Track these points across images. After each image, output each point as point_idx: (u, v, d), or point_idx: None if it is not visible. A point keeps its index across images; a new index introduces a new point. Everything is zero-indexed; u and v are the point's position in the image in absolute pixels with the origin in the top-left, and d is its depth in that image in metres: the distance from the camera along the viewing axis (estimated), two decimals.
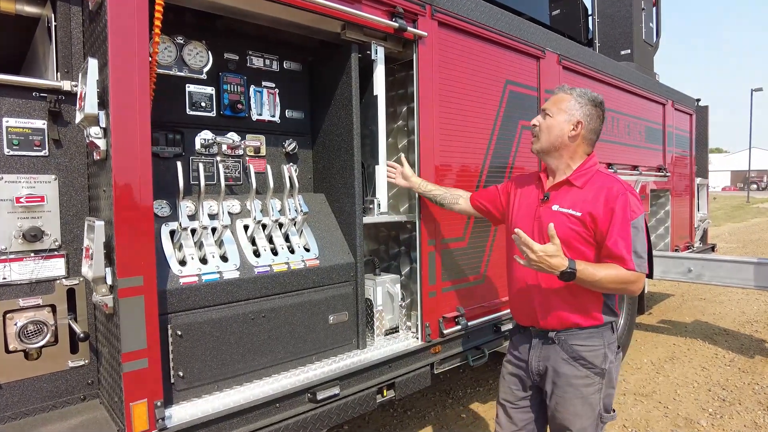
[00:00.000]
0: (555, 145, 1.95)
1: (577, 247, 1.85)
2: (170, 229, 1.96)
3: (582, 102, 1.94)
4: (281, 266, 2.11)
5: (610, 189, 1.84)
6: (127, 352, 1.63)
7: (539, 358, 1.97)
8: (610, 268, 1.78)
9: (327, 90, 2.50)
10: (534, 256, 1.73)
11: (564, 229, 1.84)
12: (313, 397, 2.06)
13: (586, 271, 1.74)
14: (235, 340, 1.97)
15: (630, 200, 1.81)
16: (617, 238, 1.78)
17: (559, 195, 1.94)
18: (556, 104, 1.97)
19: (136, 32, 1.62)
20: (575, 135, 1.93)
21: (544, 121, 1.98)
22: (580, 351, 1.89)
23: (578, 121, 1.93)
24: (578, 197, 1.88)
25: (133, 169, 1.64)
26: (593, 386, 1.88)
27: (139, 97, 1.64)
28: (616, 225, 1.78)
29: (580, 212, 1.85)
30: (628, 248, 1.77)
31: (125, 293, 1.63)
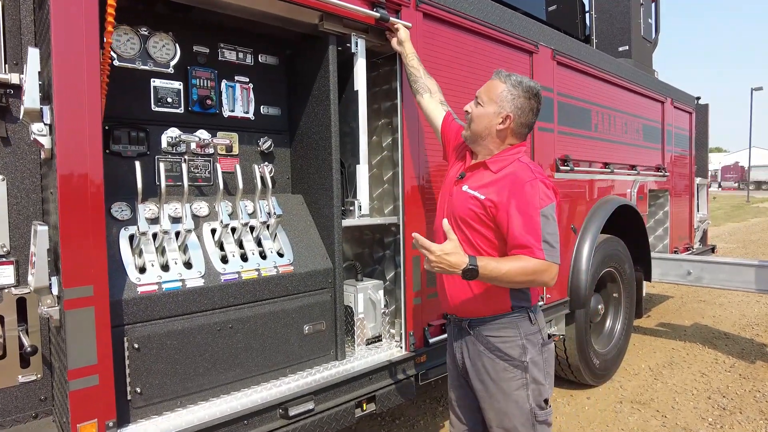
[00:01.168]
0: (482, 136, 1.87)
1: (476, 228, 1.79)
2: (130, 234, 1.82)
3: (515, 93, 1.81)
4: (251, 273, 1.98)
5: (518, 175, 1.75)
6: (74, 369, 1.49)
7: (461, 350, 1.90)
8: (517, 260, 1.67)
9: (305, 85, 2.36)
10: (433, 257, 1.64)
11: (466, 209, 1.80)
12: (284, 413, 1.93)
13: (489, 266, 1.64)
14: (199, 352, 1.84)
15: (539, 187, 1.71)
16: (523, 226, 1.68)
17: (473, 176, 1.87)
18: (488, 92, 1.85)
19: (83, 19, 1.48)
20: (503, 129, 1.83)
21: (475, 108, 1.88)
22: (494, 342, 1.79)
23: (507, 115, 1.81)
24: (489, 181, 1.80)
25: (81, 169, 1.50)
26: (515, 381, 1.77)
27: (88, 91, 1.50)
28: (522, 212, 1.68)
29: (483, 196, 1.77)
30: (536, 236, 1.66)
31: (72, 304, 1.49)
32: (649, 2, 5.51)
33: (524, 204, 1.69)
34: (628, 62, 4.94)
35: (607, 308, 4.31)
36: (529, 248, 1.66)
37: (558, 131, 3.50)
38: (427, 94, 2.30)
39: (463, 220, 1.81)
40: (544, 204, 1.70)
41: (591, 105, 3.91)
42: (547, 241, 1.67)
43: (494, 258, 1.71)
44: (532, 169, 1.78)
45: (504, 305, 1.80)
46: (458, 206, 1.84)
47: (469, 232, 1.80)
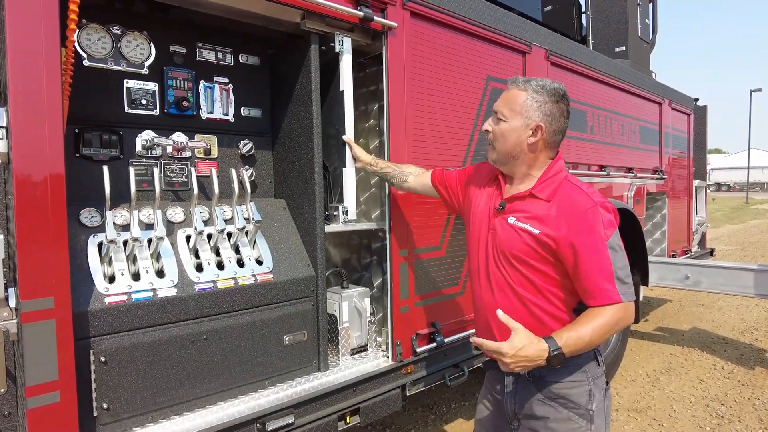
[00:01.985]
0: (512, 155, 1.65)
1: (533, 265, 1.58)
2: (99, 241, 1.74)
3: (540, 99, 1.61)
4: (227, 282, 1.90)
5: (576, 203, 1.54)
6: (32, 386, 1.41)
7: (514, 399, 1.66)
8: (595, 317, 1.47)
9: (287, 86, 2.28)
10: (507, 359, 1.43)
11: (520, 245, 1.59)
12: (262, 428, 1.84)
13: (570, 340, 1.44)
14: (171, 365, 1.75)
15: (600, 215, 1.51)
16: (593, 266, 1.48)
17: (517, 206, 1.65)
18: (508, 104, 1.64)
19: (42, 17, 1.40)
20: (535, 141, 1.61)
21: (497, 126, 1.67)
22: (558, 388, 1.57)
23: (537, 125, 1.60)
24: (539, 211, 1.59)
25: (40, 174, 1.42)
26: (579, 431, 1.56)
27: (47, 92, 1.42)
28: (588, 249, 1.48)
29: (538, 230, 1.56)
30: (609, 277, 1.47)
31: (30, 317, 1.41)
32: (646, 3, 5.44)
33: (589, 238, 1.49)
34: (625, 63, 4.88)
35: None
36: (603, 294, 1.47)
37: None
38: (411, 177, 2.18)
39: (516, 257, 1.59)
40: (609, 234, 1.50)
41: (586, 106, 3.83)
42: (620, 278, 1.48)
43: (571, 327, 1.49)
44: (586, 191, 1.58)
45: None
46: (507, 242, 1.62)
47: (526, 270, 1.59)
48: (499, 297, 1.64)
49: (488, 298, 1.68)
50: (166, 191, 2.04)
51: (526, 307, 1.59)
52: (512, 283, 1.61)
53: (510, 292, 1.62)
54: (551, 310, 1.59)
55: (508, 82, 1.70)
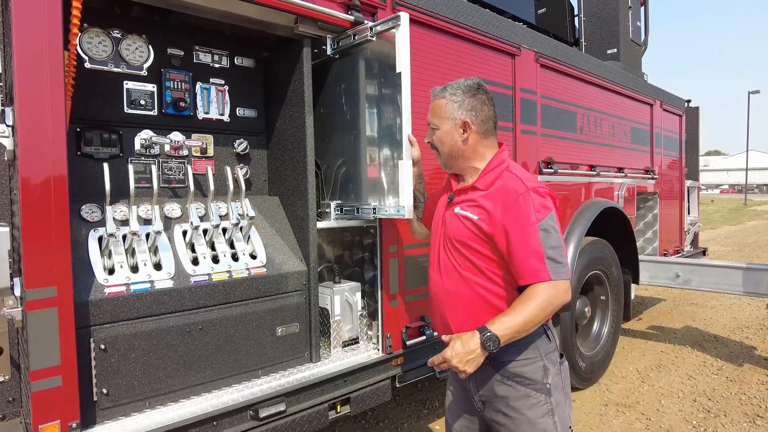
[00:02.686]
0: (453, 155, 1.78)
1: (475, 248, 1.68)
2: (99, 235, 1.83)
3: (458, 99, 1.74)
4: (222, 275, 1.98)
5: (509, 189, 1.63)
6: (36, 370, 1.49)
7: (476, 383, 1.73)
8: (525, 300, 1.54)
9: (281, 87, 2.37)
10: (455, 362, 1.51)
11: (463, 230, 1.71)
12: (255, 415, 1.93)
13: (504, 325, 1.51)
14: (168, 354, 1.84)
15: (532, 199, 1.58)
16: (523, 248, 1.55)
17: (463, 198, 1.77)
18: (435, 114, 1.79)
19: (46, 22, 1.49)
20: (467, 136, 1.74)
21: (434, 135, 1.81)
22: (512, 368, 1.64)
23: (463, 121, 1.73)
24: (479, 199, 1.70)
25: (43, 171, 1.50)
26: (539, 407, 1.63)
27: (50, 93, 1.51)
28: (518, 232, 1.56)
29: (476, 216, 1.68)
30: (539, 257, 1.54)
31: (34, 305, 1.49)
32: (638, 6, 5.53)
33: (519, 221, 1.57)
34: (616, 65, 4.96)
35: (594, 311, 4.30)
36: (535, 273, 1.54)
37: (541, 134, 3.51)
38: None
39: (461, 243, 1.71)
40: (541, 217, 1.57)
41: (576, 107, 3.92)
42: (551, 257, 1.54)
43: (503, 313, 1.56)
44: (522, 177, 1.66)
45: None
46: (453, 229, 1.74)
47: (469, 254, 1.69)
48: (447, 281, 1.75)
49: (438, 282, 1.80)
50: (163, 188, 2.12)
51: (471, 288, 1.69)
52: (458, 266, 1.72)
53: (456, 275, 1.72)
54: (495, 289, 1.67)
55: (431, 95, 1.84)
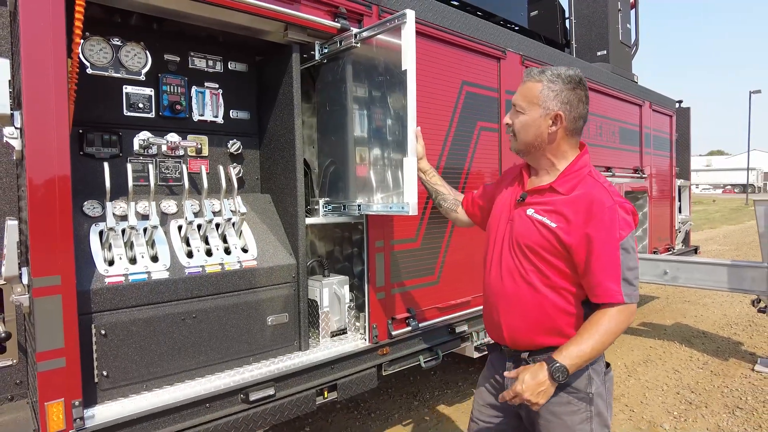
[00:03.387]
0: (533, 145, 1.68)
1: (546, 258, 1.60)
2: (100, 229, 1.96)
3: (556, 88, 1.62)
4: (214, 267, 2.11)
5: (595, 201, 1.53)
6: (42, 352, 1.63)
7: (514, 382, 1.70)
8: (594, 326, 1.50)
9: (271, 90, 2.50)
10: (526, 395, 1.50)
11: (535, 236, 1.61)
12: (245, 398, 2.06)
13: (573, 353, 1.49)
14: (164, 340, 1.97)
15: (618, 216, 1.51)
16: (601, 265, 1.50)
17: (537, 198, 1.68)
18: (526, 97, 1.66)
19: (51, 32, 1.62)
20: (556, 130, 1.63)
21: (516, 118, 1.69)
22: None
23: (556, 114, 1.62)
24: (558, 205, 1.60)
25: (48, 170, 1.64)
26: (579, 414, 1.59)
27: (55, 98, 1.64)
28: (600, 248, 1.50)
29: (555, 224, 1.58)
30: (616, 277, 1.48)
31: (40, 292, 1.62)
32: (628, 9, 5.65)
33: (603, 237, 1.49)
34: (605, 67, 5.07)
35: None
36: (608, 292, 1.49)
37: None
38: (461, 208, 2.17)
39: (530, 249, 1.62)
40: (624, 235, 1.50)
41: None
42: (627, 279, 1.49)
43: (571, 342, 1.52)
44: (608, 189, 1.58)
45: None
46: (524, 233, 1.64)
47: (538, 262, 1.61)
48: (508, 284, 1.68)
49: (497, 284, 1.72)
50: (160, 186, 2.26)
51: (534, 297, 1.62)
52: (524, 272, 1.63)
53: (521, 280, 1.64)
54: (558, 302, 1.61)
55: (524, 75, 1.71)
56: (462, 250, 3.12)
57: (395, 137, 2.22)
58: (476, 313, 3.17)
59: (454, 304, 3.06)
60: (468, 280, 3.14)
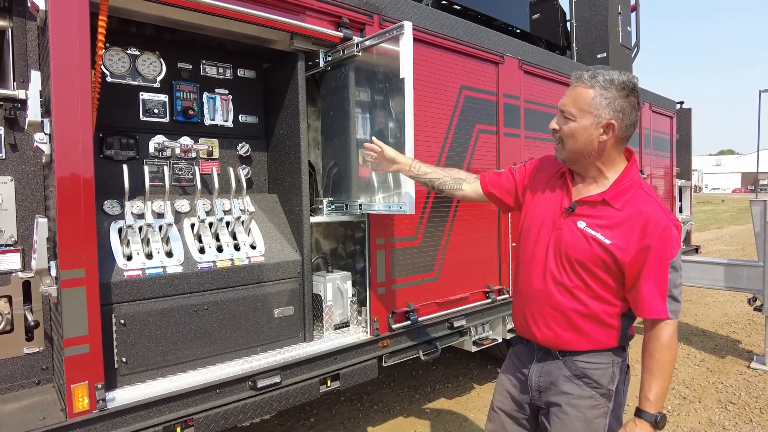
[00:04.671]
0: (584, 154, 1.62)
1: (595, 272, 1.60)
2: (119, 227, 2.12)
3: (609, 96, 1.54)
4: (225, 262, 2.26)
5: (651, 219, 1.53)
6: (68, 338, 1.78)
7: (540, 373, 1.74)
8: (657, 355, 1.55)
9: (278, 96, 2.65)
10: None
11: (587, 251, 1.60)
12: (253, 385, 2.20)
13: (657, 393, 1.56)
14: (178, 330, 2.12)
15: (672, 235, 1.53)
16: (652, 283, 1.52)
17: (588, 210, 1.63)
18: (576, 103, 1.58)
19: (77, 46, 1.77)
20: (606, 140, 1.58)
21: (565, 125, 1.62)
22: (584, 369, 1.64)
23: (608, 122, 1.55)
24: (612, 219, 1.58)
25: (75, 172, 1.79)
26: (598, 408, 1.64)
27: (81, 106, 1.79)
28: (652, 266, 1.52)
29: (609, 240, 1.56)
30: (662, 294, 1.52)
31: (67, 284, 1.78)
32: (628, 12, 5.73)
33: (656, 256, 1.51)
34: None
35: None
36: (653, 308, 1.53)
37: (525, 136, 3.74)
38: (465, 183, 2.09)
39: (580, 263, 1.60)
40: (674, 254, 1.52)
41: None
42: (673, 295, 1.53)
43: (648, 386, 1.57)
44: (662, 206, 1.57)
45: (610, 343, 1.64)
46: (574, 246, 1.62)
47: (586, 275, 1.61)
48: (551, 291, 1.67)
49: (538, 289, 1.71)
50: (174, 186, 2.41)
51: (576, 309, 1.64)
52: (569, 284, 1.63)
53: (564, 291, 1.65)
54: (601, 315, 1.62)
55: (573, 79, 1.63)
56: (461, 248, 3.24)
57: (395, 140, 2.35)
58: (474, 308, 3.30)
59: (452, 299, 3.19)
60: (466, 277, 3.27)
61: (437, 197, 3.05)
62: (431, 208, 3.04)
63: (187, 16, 2.13)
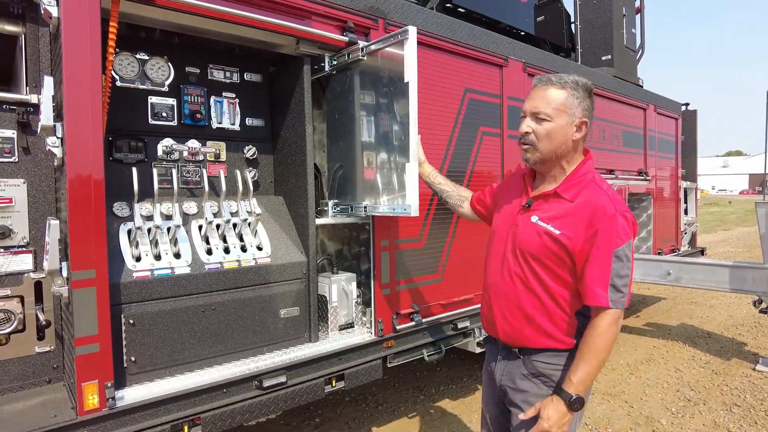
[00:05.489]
0: (557, 153, 1.67)
1: (548, 265, 1.64)
2: (128, 229, 2.15)
3: (579, 96, 1.64)
4: (232, 263, 2.29)
5: (598, 208, 1.57)
6: (79, 337, 1.82)
7: (503, 372, 1.80)
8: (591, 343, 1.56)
9: (284, 99, 2.68)
10: (554, 429, 1.57)
11: (538, 244, 1.65)
12: (259, 385, 2.23)
13: (580, 377, 1.56)
14: (185, 330, 2.16)
15: (618, 223, 1.55)
16: (594, 270, 1.56)
17: (542, 204, 1.70)
18: (550, 104, 1.64)
19: (89, 53, 1.81)
20: (579, 137, 1.66)
21: (539, 126, 1.65)
22: (541, 368, 1.68)
23: (582, 121, 1.65)
24: (562, 211, 1.64)
25: (86, 174, 1.83)
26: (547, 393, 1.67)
27: (92, 111, 1.83)
28: (596, 253, 1.55)
29: (559, 231, 1.61)
30: (604, 281, 1.54)
31: (78, 284, 1.82)
32: (633, 14, 5.73)
33: (600, 244, 1.55)
34: (609, 71, 5.18)
35: None
36: (594, 294, 1.55)
37: None
38: (466, 203, 2.23)
39: (533, 256, 1.65)
40: (620, 243, 1.54)
41: None
42: (615, 285, 1.54)
43: (574, 368, 1.58)
44: (611, 197, 1.61)
45: (567, 343, 1.66)
46: (527, 240, 1.67)
47: (540, 269, 1.65)
48: (509, 286, 1.73)
49: (498, 284, 1.77)
50: (182, 188, 2.45)
51: (532, 303, 1.67)
52: (524, 278, 1.68)
53: (521, 285, 1.69)
54: (556, 310, 1.65)
55: (540, 82, 1.69)
56: (464, 250, 3.26)
57: (399, 143, 2.38)
58: (478, 310, 3.30)
59: (456, 301, 3.21)
60: (470, 279, 3.29)
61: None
62: (435, 210, 3.07)
63: (195, 21, 2.16)
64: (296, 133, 2.59)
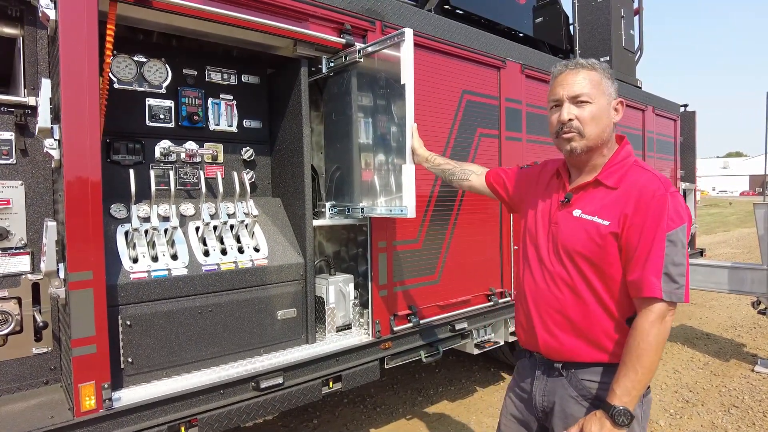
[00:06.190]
0: (603, 138, 1.51)
1: (596, 263, 1.47)
2: (125, 230, 2.16)
3: (609, 77, 1.55)
4: (229, 265, 2.30)
5: (645, 190, 1.42)
6: (76, 339, 1.82)
7: (544, 392, 1.60)
8: (630, 341, 1.39)
9: (282, 101, 2.69)
10: None
11: (584, 240, 1.48)
12: (256, 386, 2.24)
13: (624, 386, 1.37)
14: (182, 331, 2.16)
15: (669, 204, 1.39)
16: (645, 256, 1.38)
17: (583, 196, 1.55)
18: (589, 85, 1.51)
19: (86, 55, 1.82)
20: (616, 121, 1.55)
21: (582, 110, 1.50)
22: (592, 389, 1.49)
23: (619, 101, 1.56)
24: (608, 200, 1.48)
25: (83, 176, 1.83)
26: None
27: (89, 113, 1.84)
28: (646, 239, 1.38)
29: (607, 221, 1.45)
30: (657, 269, 1.36)
31: (75, 286, 1.82)
32: (631, 15, 5.74)
33: (648, 226, 1.39)
34: None
35: None
36: (647, 285, 1.37)
37: (526, 140, 3.77)
38: (473, 175, 2.11)
39: (579, 254, 1.49)
40: (672, 226, 1.37)
41: None
42: (669, 273, 1.35)
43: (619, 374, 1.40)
44: (659, 176, 1.45)
45: (619, 355, 1.44)
46: (572, 237, 1.51)
47: (588, 270, 1.49)
48: (552, 291, 1.57)
49: (538, 290, 1.62)
50: (179, 190, 2.46)
51: (579, 308, 1.52)
52: (569, 280, 1.53)
53: (566, 289, 1.54)
54: (605, 316, 1.49)
55: (565, 68, 1.57)
56: (462, 251, 3.27)
57: (396, 144, 2.39)
58: (476, 311, 3.32)
59: (454, 302, 3.21)
60: (468, 280, 3.30)
61: (439, 201, 3.08)
62: (433, 211, 3.07)
63: (193, 24, 2.18)
64: (293, 135, 2.60)
